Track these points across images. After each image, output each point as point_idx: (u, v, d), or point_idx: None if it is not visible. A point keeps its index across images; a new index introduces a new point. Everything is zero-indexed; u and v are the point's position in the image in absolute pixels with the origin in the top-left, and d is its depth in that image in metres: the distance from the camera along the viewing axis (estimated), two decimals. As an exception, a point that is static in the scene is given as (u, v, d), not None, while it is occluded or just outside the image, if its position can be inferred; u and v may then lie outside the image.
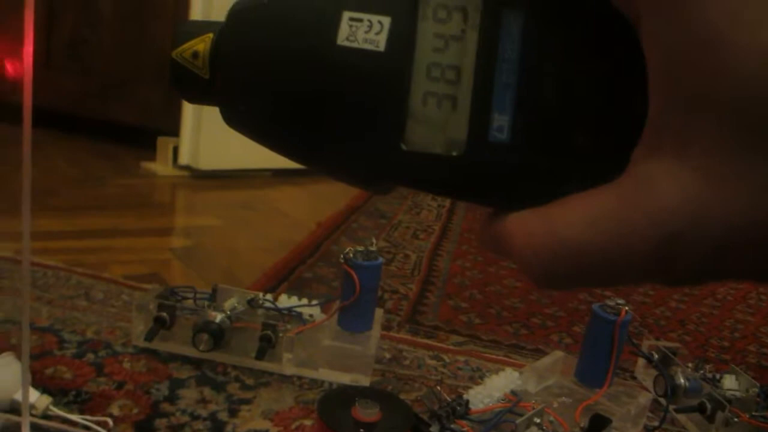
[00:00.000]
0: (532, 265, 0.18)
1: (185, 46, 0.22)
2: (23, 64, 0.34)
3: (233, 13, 0.22)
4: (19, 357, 0.53)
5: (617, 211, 0.17)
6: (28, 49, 0.34)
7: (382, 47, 0.19)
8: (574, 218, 0.17)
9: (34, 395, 0.53)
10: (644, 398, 0.64)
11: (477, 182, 0.20)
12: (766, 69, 0.14)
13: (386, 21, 0.19)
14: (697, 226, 0.16)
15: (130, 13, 1.71)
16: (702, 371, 0.69)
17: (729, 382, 0.66)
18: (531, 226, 0.18)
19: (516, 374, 0.64)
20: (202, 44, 0.22)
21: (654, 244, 0.16)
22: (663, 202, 0.16)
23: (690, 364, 0.69)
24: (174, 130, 1.61)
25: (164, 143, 1.63)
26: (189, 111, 1.58)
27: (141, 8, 1.70)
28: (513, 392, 0.62)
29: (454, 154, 0.19)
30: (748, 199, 0.15)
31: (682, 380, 0.67)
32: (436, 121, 0.19)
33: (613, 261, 0.17)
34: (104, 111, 1.75)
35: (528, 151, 0.19)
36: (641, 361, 0.75)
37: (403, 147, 0.20)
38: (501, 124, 0.19)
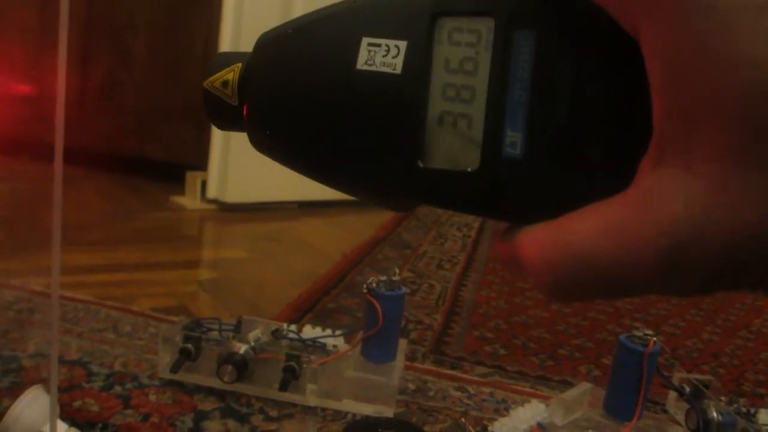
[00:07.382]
0: (543, 276, 0.18)
1: (216, 75, 0.23)
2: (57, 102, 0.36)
3: (260, 43, 0.23)
4: (48, 390, 0.54)
5: (625, 222, 0.17)
6: (61, 87, 0.36)
7: (399, 70, 0.20)
8: (584, 229, 0.17)
9: (62, 428, 0.54)
10: (676, 432, 0.62)
11: (491, 197, 0.20)
12: (760, 78, 0.14)
13: (403, 45, 0.20)
14: (703, 235, 0.15)
15: (161, 55, 1.77)
16: (736, 405, 0.66)
17: (765, 417, 0.63)
18: (542, 237, 0.18)
19: (542, 406, 0.63)
20: (231, 74, 0.23)
21: (661, 254, 0.16)
22: (669, 212, 0.16)
23: (723, 398, 0.67)
24: (202, 165, 1.65)
25: (193, 178, 1.67)
26: (217, 146, 1.61)
27: (171, 50, 1.75)
28: (539, 425, 0.60)
29: (469, 170, 0.20)
30: (752, 208, 0.15)
31: (715, 414, 0.65)
32: (451, 139, 0.20)
33: (623, 271, 0.17)
34: (135, 148, 1.80)
35: (540, 165, 0.19)
36: (672, 394, 0.73)
37: (420, 165, 0.20)
38: (514, 140, 0.19)
